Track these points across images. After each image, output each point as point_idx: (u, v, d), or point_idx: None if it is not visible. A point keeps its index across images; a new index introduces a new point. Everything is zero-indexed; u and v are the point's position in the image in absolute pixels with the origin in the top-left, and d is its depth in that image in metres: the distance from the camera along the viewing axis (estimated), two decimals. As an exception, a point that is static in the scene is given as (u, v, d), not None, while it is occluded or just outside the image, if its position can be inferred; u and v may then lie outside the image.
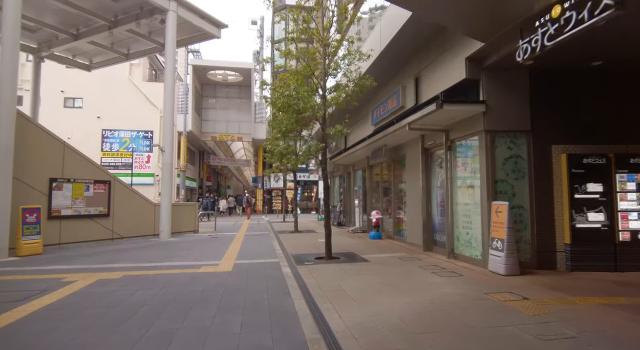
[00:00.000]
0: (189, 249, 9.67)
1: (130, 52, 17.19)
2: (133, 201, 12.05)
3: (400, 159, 10.68)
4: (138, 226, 12.07)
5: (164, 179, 12.38)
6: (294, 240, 11.74)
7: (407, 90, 9.08)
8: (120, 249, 9.73)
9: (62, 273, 6.56)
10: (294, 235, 13.37)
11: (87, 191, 10.68)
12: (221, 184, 51.69)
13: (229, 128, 30.06)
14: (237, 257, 8.23)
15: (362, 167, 14.58)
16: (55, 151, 10.03)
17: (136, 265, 7.31)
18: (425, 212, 8.87)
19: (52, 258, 8.31)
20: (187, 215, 14.05)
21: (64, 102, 25.37)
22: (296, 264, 7.37)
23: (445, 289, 5.23)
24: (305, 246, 10.21)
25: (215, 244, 10.88)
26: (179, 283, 5.75)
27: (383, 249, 9.41)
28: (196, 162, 33.76)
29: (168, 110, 12.53)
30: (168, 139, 12.48)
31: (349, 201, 16.86)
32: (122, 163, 25.45)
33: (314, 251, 9.18)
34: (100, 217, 10.96)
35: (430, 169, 8.91)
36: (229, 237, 12.53)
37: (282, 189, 33.61)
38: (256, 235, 13.42)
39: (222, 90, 30.70)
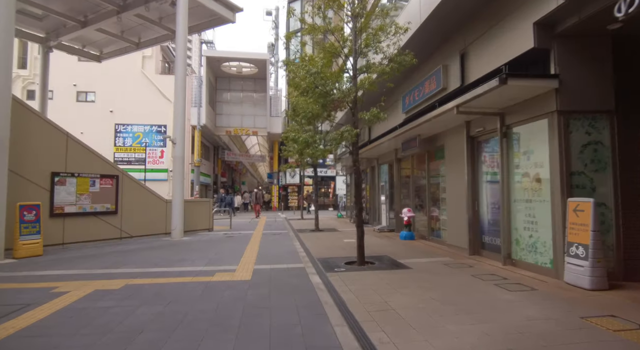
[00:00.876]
0: (203, 251, 8.72)
1: (141, 41, 16.37)
2: (143, 197, 11.18)
3: (437, 150, 9.50)
4: (148, 224, 11.21)
5: (176, 173, 11.47)
6: (316, 240, 10.69)
7: (450, 70, 7.88)
8: (127, 250, 8.84)
9: (56, 281, 5.65)
10: (316, 234, 12.32)
11: (93, 186, 9.84)
12: (236, 180, 51.07)
13: (244, 122, 29.19)
14: (256, 261, 7.22)
15: (388, 160, 13.42)
16: (58, 143, 9.19)
17: (142, 271, 6.36)
18: (470, 211, 7.70)
19: (52, 261, 7.44)
20: (201, 213, 13.14)
21: (77, 96, 24.84)
22: (325, 270, 6.31)
23: (525, 310, 4.09)
24: (330, 248, 9.15)
25: (231, 244, 9.91)
26: (189, 297, 4.75)
27: (420, 252, 8.27)
28: (211, 158, 33.04)
29: (179, 99, 11.59)
30: (179, 131, 11.55)
31: (373, 198, 15.71)
32: (135, 158, 24.83)
33: (342, 254, 8.11)
34: (107, 215, 10.11)
35: (478, 160, 7.71)
36: (246, 237, 11.57)
37: (299, 185, 32.66)
38: (274, 234, 12.43)
39: (236, 83, 29.81)
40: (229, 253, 8.34)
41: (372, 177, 15.85)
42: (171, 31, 14.62)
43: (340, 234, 12.38)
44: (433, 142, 9.51)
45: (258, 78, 29.24)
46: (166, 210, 11.65)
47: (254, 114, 29.47)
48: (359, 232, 6.99)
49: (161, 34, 15.54)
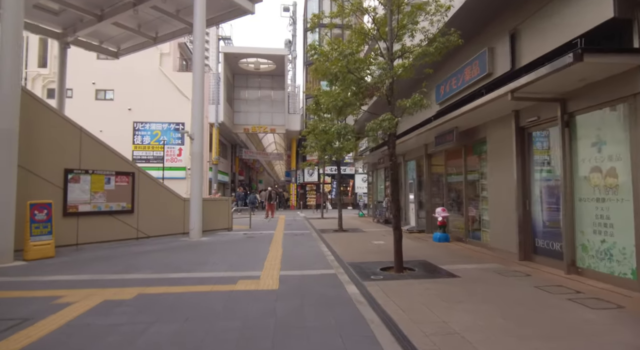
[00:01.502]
0: (223, 253, 8.11)
1: (158, 36, 15.95)
2: (160, 196, 10.67)
3: (477, 144, 8.63)
4: (166, 224, 10.69)
5: (194, 170, 10.92)
6: (342, 241, 9.96)
7: (497, 53, 7.01)
8: (143, 252, 8.31)
9: (63, 288, 5.09)
10: (340, 235, 11.59)
11: (108, 184, 9.36)
12: (253, 178, 50.80)
13: (262, 120, 28.68)
14: (282, 266, 6.55)
15: (416, 156, 12.57)
16: (71, 138, 8.73)
17: (157, 277, 5.76)
18: (520, 210, 6.83)
19: (63, 264, 6.94)
20: (220, 212, 12.59)
21: (96, 95, 24.76)
22: (361, 278, 5.58)
23: (619, 336, 3.27)
24: (359, 250, 8.40)
25: (253, 245, 9.28)
26: (210, 311, 4.10)
27: (462, 257, 7.45)
28: (228, 156, 32.71)
29: (197, 92, 11.03)
30: (198, 126, 10.99)
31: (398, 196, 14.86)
32: (153, 156, 24.60)
33: (374, 258, 7.37)
34: (123, 214, 9.62)
35: (529, 153, 6.84)
36: (267, 237, 10.93)
37: (317, 184, 32.02)
38: (296, 234, 11.76)
39: (254, 81, 29.31)
40: (251, 256, 7.70)
41: (397, 175, 14.97)
42: (189, 24, 14.12)
43: (366, 235, 11.62)
44: (472, 135, 8.64)
45: (276, 75, 28.67)
46: (184, 209, 11.12)
47: (271, 111, 28.93)
48: (397, 235, 6.25)
49: (179, 27, 15.07)
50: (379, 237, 10.91)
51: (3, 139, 6.95)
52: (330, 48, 6.18)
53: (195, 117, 11.02)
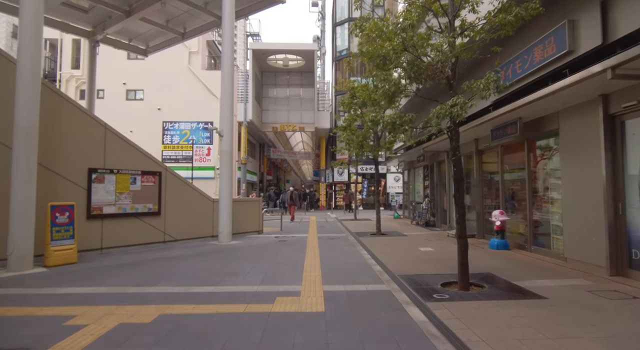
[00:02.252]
0: (255, 260, 7.32)
1: (186, 31, 15.46)
2: (188, 196, 10.05)
3: (545, 136, 7.46)
4: (194, 226, 10.07)
5: (223, 168, 10.24)
6: (384, 247, 8.98)
7: (581, 25, 5.84)
8: (169, 257, 7.65)
9: (77, 304, 4.42)
10: (380, 239, 10.60)
11: (134, 184, 8.79)
12: (281, 178, 50.43)
13: (290, 118, 28.00)
14: (323, 278, 5.66)
15: (463, 153, 11.36)
16: (95, 135, 8.20)
17: (183, 291, 5.01)
18: (611, 215, 5.65)
19: (84, 272, 6.34)
20: (251, 213, 11.88)
21: (126, 95, 24.82)
22: (422, 297, 4.62)
23: None
24: (407, 259, 7.41)
25: (287, 251, 8.46)
26: (246, 342, 3.27)
27: (532, 269, 6.32)
28: (257, 156, 32.28)
29: (226, 88, 10.34)
30: (227, 123, 10.31)
31: (440, 196, 13.71)
32: (182, 156, 24.40)
33: (428, 268, 6.36)
34: (149, 216, 9.04)
35: (622, 146, 5.64)
36: (300, 241, 10.11)
37: (347, 183, 31.06)
38: (331, 238, 10.87)
39: (282, 78, 28.68)
40: (286, 264, 6.86)
41: (438, 173, 13.84)
42: (217, 17, 13.50)
43: (409, 239, 10.57)
44: (539, 127, 7.46)
45: (305, 71, 27.92)
46: (213, 210, 10.47)
47: (300, 109, 28.20)
48: (462, 244, 5.22)
49: (207, 21, 14.52)
50: (423, 242, 9.86)
51: (22, 136, 6.43)
52: (382, 24, 5.20)
53: (224, 113, 10.34)
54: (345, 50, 31.64)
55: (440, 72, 4.95)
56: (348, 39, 31.29)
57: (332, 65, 33.75)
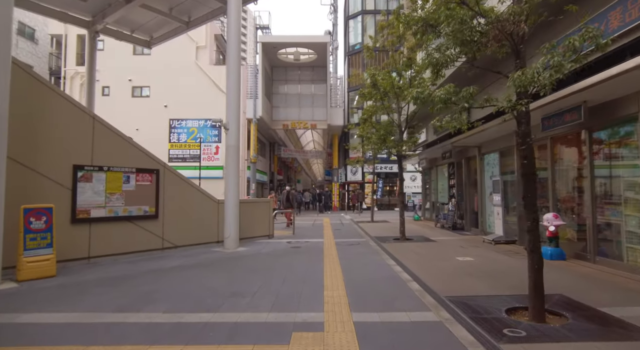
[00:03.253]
0: (265, 273, 6.16)
1: (191, 19, 14.42)
2: (190, 197, 8.96)
3: (616, 124, 6.14)
4: (197, 231, 8.97)
5: (229, 166, 9.13)
6: (414, 256, 7.74)
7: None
8: (165, 269, 6.54)
9: (29, 344, 3.30)
10: (406, 246, 9.36)
11: (127, 184, 7.72)
12: (291, 177, 49.40)
13: (302, 115, 26.85)
14: (351, 301, 4.47)
15: (500, 147, 10.08)
16: (82, 128, 7.13)
17: (172, 321, 3.87)
18: None
19: (60, 289, 5.26)
20: (260, 216, 10.74)
21: (132, 92, 23.96)
22: (486, 332, 3.40)
23: None
24: (447, 272, 6.17)
25: (301, 261, 7.28)
26: None
27: (612, 288, 5.03)
28: (267, 155, 31.23)
29: (233, 78, 9.23)
30: (233, 116, 9.19)
31: (469, 197, 12.39)
32: (189, 155, 23.45)
33: (478, 286, 5.12)
34: (145, 220, 7.96)
35: None
36: (316, 248, 8.93)
37: (360, 183, 29.81)
38: (350, 244, 9.66)
39: (293, 74, 27.55)
40: (302, 279, 5.68)
41: (467, 171, 12.52)
42: (223, 2, 12.43)
43: (439, 246, 9.31)
44: (609, 112, 6.15)
45: (316, 66, 26.75)
46: (218, 212, 9.36)
47: (312, 105, 27.04)
48: (535, 260, 3.97)
49: (213, 8, 13.45)
50: (458, 249, 8.59)
51: (-14, 125, 5.38)
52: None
53: (231, 105, 9.22)
54: (358, 44, 30.39)
55: (508, 33, 3.69)
56: (362, 33, 30.04)
57: (344, 61, 32.53)
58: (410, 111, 10.51)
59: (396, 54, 10.63)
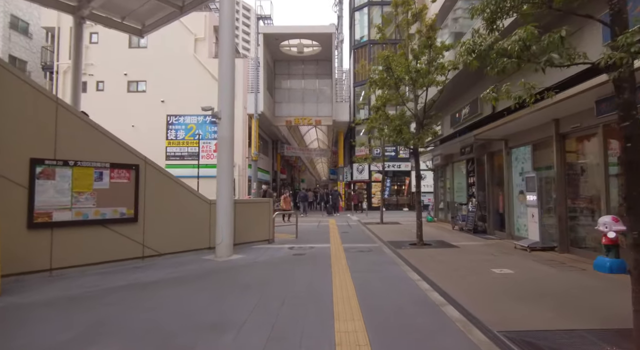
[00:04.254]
0: (260, 291, 4.94)
1: (185, 3, 13.24)
2: (177, 197, 7.77)
3: None
4: (185, 236, 7.78)
5: (222, 160, 7.94)
6: (440, 266, 6.49)
7: None
8: (139, 285, 5.35)
9: None
10: (426, 252, 8.11)
11: (100, 181, 6.53)
12: (295, 177, 48.25)
13: (306, 111, 25.63)
14: (371, 338, 3.24)
15: (533, 140, 8.81)
16: (43, 114, 5.95)
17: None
18: None
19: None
20: (259, 218, 9.54)
21: (128, 86, 22.85)
22: None
23: None
24: (488, 290, 4.92)
25: (305, 273, 6.06)
26: None
27: None
28: (269, 153, 30.06)
29: (226, 61, 8.07)
30: (226, 104, 8.02)
31: (493, 196, 11.11)
32: (188, 153, 22.32)
33: (539, 315, 3.88)
34: (122, 224, 6.77)
35: None
36: (322, 255, 7.71)
37: (367, 182, 28.56)
38: (361, 250, 8.43)
39: (297, 68, 26.34)
40: (306, 301, 4.45)
41: (490, 168, 11.23)
42: (218, -18, 11.24)
43: (464, 252, 8.04)
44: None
45: (321, 59, 25.52)
46: (210, 215, 8.17)
47: (316, 101, 25.82)
48: None
49: (207, -11, 12.28)
50: (488, 257, 7.32)
51: None
52: None
53: (223, 92, 8.03)
54: (364, 37, 29.14)
55: None
56: (368, 26, 28.76)
57: (350, 55, 31.27)
58: (428, 99, 9.26)
59: (413, 35, 9.38)
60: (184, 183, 8.12)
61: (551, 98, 3.45)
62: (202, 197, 8.28)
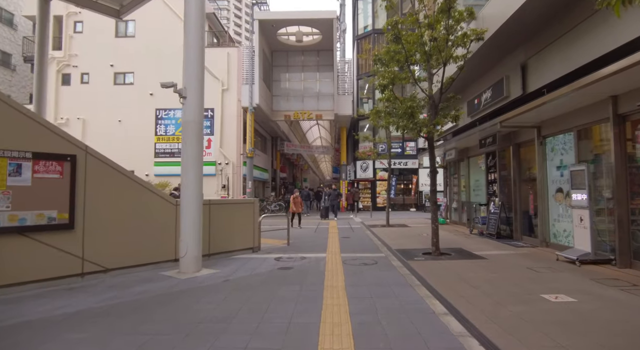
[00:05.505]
0: (214, 336, 3.31)
1: (163, -23, 11.69)
2: (132, 197, 6.17)
3: None
4: (141, 246, 6.18)
5: (186, 152, 6.34)
6: (470, 290, 4.82)
7: None
8: (53, 319, 3.75)
9: None
10: (445, 266, 6.44)
11: (17, 176, 4.95)
12: (297, 176, 46.65)
13: (306, 104, 24.00)
14: None
15: (575, 125, 7.11)
16: None
17: None
18: None
19: None
20: (241, 222, 7.91)
21: (114, 79, 21.33)
22: None
23: None
24: (536, 326, 3.25)
25: (287, 301, 4.41)
26: None
27: None
28: (268, 150, 28.46)
29: (193, 23, 6.43)
30: (193, 77, 6.41)
31: (520, 195, 9.41)
32: (178, 149, 20.74)
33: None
34: (50, 232, 5.18)
35: None
36: (314, 270, 6.09)
37: (372, 180, 26.86)
38: (363, 262, 6.78)
39: (296, 59, 24.70)
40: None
41: (517, 161, 9.53)
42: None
43: (494, 266, 6.36)
44: None
45: (322, 49, 23.86)
46: (177, 218, 6.56)
47: (317, 94, 24.18)
48: None
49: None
50: (528, 274, 5.64)
51: None
52: None
53: (190, 63, 6.42)
54: (368, 27, 27.44)
55: None
56: (372, 15, 27.06)
57: (353, 46, 29.60)
58: (446, 77, 7.59)
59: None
60: (143, 180, 6.51)
61: None
62: (166, 198, 6.68)
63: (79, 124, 20.85)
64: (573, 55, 6.72)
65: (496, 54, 9.04)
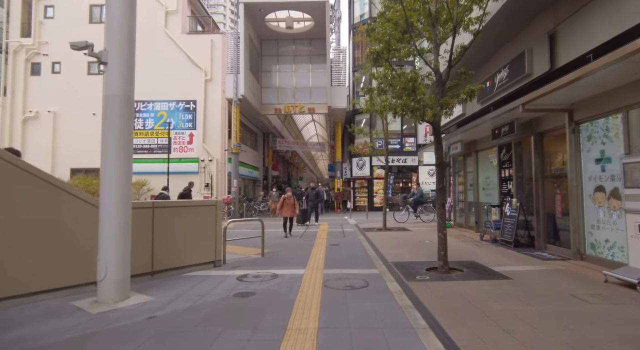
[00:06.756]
0: None
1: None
2: (34, 200, 4.54)
3: None
4: (48, 266, 4.57)
5: (109, 136, 4.72)
6: (496, 332, 3.22)
7: None
8: None
9: None
10: (459, 290, 4.84)
11: None
12: (292, 175, 45.00)
13: (297, 97, 22.38)
14: None
15: (624, 104, 5.51)
16: None
17: None
18: None
19: None
20: (199, 230, 6.29)
21: (88, 68, 19.65)
22: None
23: None
24: None
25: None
26: None
27: None
28: (259, 147, 26.83)
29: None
30: (119, 38, 4.92)
31: (544, 196, 7.82)
32: (157, 145, 19.17)
33: None
34: None
35: None
36: (282, 298, 4.50)
37: (368, 179, 25.27)
38: (350, 283, 5.18)
39: (287, 48, 23.05)
40: None
41: (540, 155, 7.93)
42: None
43: (525, 291, 4.77)
44: None
45: (314, 38, 22.24)
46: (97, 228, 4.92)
47: (309, 85, 22.57)
48: None
49: None
50: (576, 307, 4.04)
51: None
52: None
53: (114, 18, 4.83)
54: (365, 15, 25.83)
55: None
56: (369, 2, 25.43)
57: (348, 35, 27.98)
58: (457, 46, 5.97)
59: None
60: (50, 176, 4.88)
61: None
62: (87, 199, 5.04)
63: (50, 118, 19.22)
64: (624, 14, 5.13)
65: (515, 22, 7.43)
